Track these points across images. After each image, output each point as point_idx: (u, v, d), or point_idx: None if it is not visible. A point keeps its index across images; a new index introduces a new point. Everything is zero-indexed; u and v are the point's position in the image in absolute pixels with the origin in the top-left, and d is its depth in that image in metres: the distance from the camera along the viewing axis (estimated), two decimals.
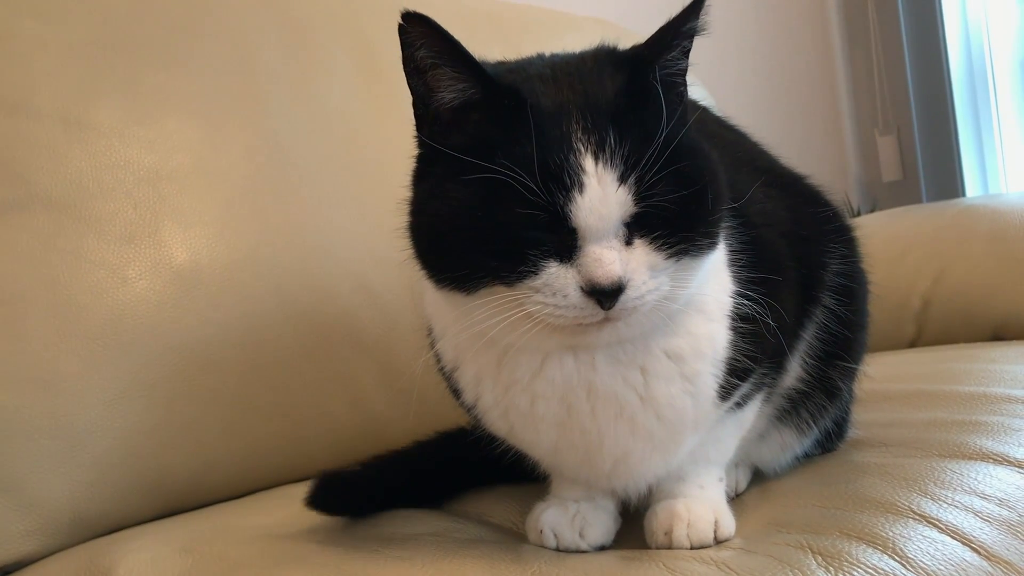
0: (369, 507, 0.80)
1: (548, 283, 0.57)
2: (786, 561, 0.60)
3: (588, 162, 0.56)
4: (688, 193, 0.57)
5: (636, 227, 0.57)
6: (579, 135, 0.56)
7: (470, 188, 0.56)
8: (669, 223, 0.57)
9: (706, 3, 0.60)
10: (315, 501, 0.77)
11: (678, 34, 0.60)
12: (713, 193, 0.60)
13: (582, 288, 0.56)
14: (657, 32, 0.61)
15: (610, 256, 0.56)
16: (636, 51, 0.62)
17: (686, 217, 0.58)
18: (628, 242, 0.57)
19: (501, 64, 0.64)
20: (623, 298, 0.57)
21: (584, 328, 0.58)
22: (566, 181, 0.55)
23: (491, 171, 0.55)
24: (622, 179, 0.56)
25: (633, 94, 0.58)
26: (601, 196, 0.56)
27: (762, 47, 2.63)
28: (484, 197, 0.56)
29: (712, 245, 0.61)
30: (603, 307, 0.57)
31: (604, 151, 0.56)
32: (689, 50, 0.61)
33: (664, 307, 0.60)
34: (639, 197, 0.56)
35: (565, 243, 0.57)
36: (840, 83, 2.78)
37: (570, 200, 0.55)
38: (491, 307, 0.58)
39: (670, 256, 0.58)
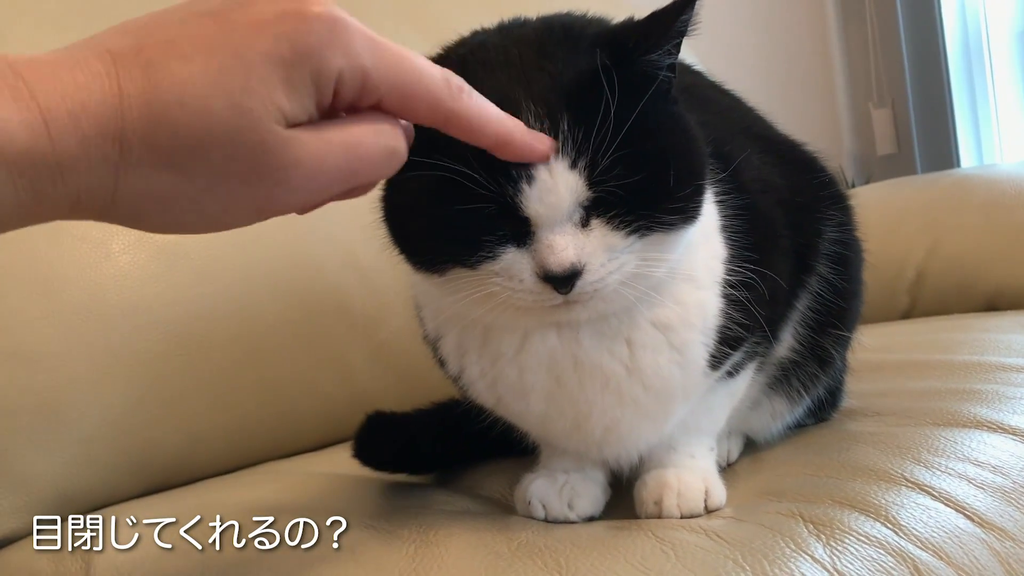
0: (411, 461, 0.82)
1: (506, 268, 0.55)
2: (777, 530, 0.59)
3: None
4: (645, 174, 0.55)
5: (593, 208, 0.55)
6: (527, 121, 0.53)
7: (423, 182, 0.54)
8: (625, 203, 0.55)
9: None
10: (361, 452, 0.80)
11: (669, 31, 0.56)
12: (680, 169, 0.57)
13: (537, 274, 0.55)
14: (647, 23, 0.57)
15: (563, 242, 0.54)
16: (617, 38, 0.57)
17: (644, 196, 0.55)
18: (585, 224, 0.55)
19: (441, 58, 0.61)
20: (580, 283, 0.55)
21: (551, 309, 0.57)
22: (512, 173, 0.53)
23: (438, 167, 0.53)
24: (573, 165, 0.54)
25: (597, 80, 0.54)
26: (551, 184, 0.53)
27: (757, 20, 2.61)
28: (436, 191, 0.54)
29: (686, 219, 0.58)
30: (560, 292, 0.55)
31: (556, 137, 0.53)
32: (680, 41, 0.57)
33: (635, 284, 0.58)
34: (592, 182, 0.54)
35: (520, 230, 0.55)
36: (835, 56, 2.76)
37: (519, 191, 0.53)
38: (459, 287, 0.57)
39: (629, 234, 0.56)
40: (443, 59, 0.61)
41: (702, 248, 0.64)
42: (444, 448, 0.82)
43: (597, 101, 0.54)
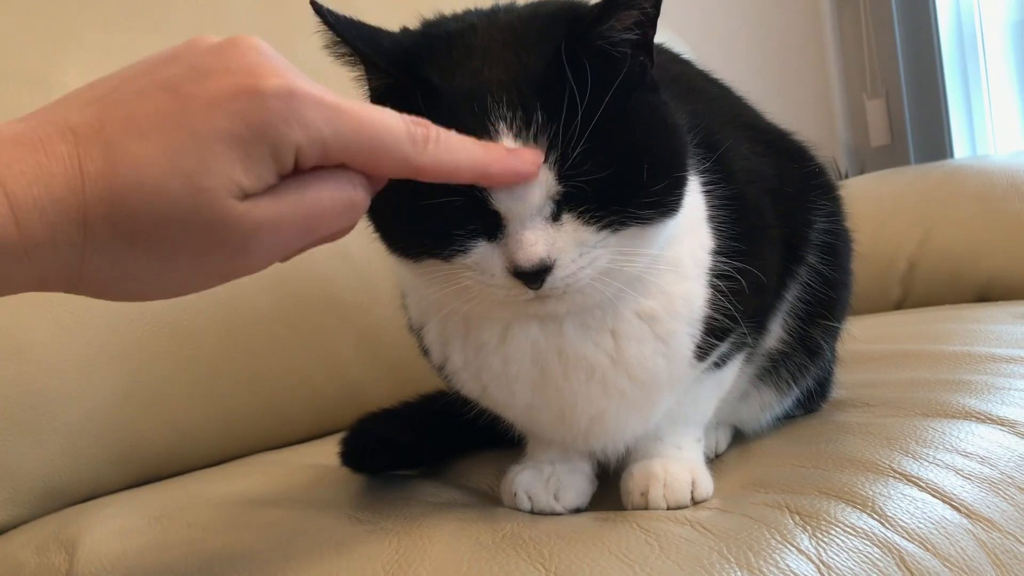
0: (395, 464, 0.81)
1: (477, 262, 0.55)
2: (763, 521, 0.59)
3: (507, 143, 0.52)
4: (617, 168, 0.54)
5: (565, 203, 0.54)
6: (499, 113, 0.53)
7: None
8: (596, 198, 0.54)
9: None
10: (348, 459, 0.78)
11: (616, 3, 0.55)
12: (655, 162, 0.56)
13: (507, 269, 0.55)
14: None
15: (532, 238, 0.54)
16: (570, 15, 0.57)
17: (615, 191, 0.55)
18: (556, 218, 0.55)
19: (433, 25, 0.61)
20: (551, 278, 0.55)
21: (526, 303, 0.57)
22: None
23: None
24: (545, 158, 0.53)
25: (562, 64, 0.53)
26: None
27: (750, 10, 2.60)
28: (407, 181, 0.52)
29: (663, 214, 0.57)
30: (530, 287, 0.55)
31: (529, 128, 0.53)
32: (644, 22, 0.56)
33: (610, 279, 0.57)
34: (563, 176, 0.53)
35: (491, 224, 0.55)
36: (828, 47, 2.75)
37: None
38: (435, 279, 0.57)
39: (601, 229, 0.55)
40: (435, 26, 0.61)
41: (688, 238, 0.63)
42: (430, 442, 0.82)
43: (564, 90, 0.53)
